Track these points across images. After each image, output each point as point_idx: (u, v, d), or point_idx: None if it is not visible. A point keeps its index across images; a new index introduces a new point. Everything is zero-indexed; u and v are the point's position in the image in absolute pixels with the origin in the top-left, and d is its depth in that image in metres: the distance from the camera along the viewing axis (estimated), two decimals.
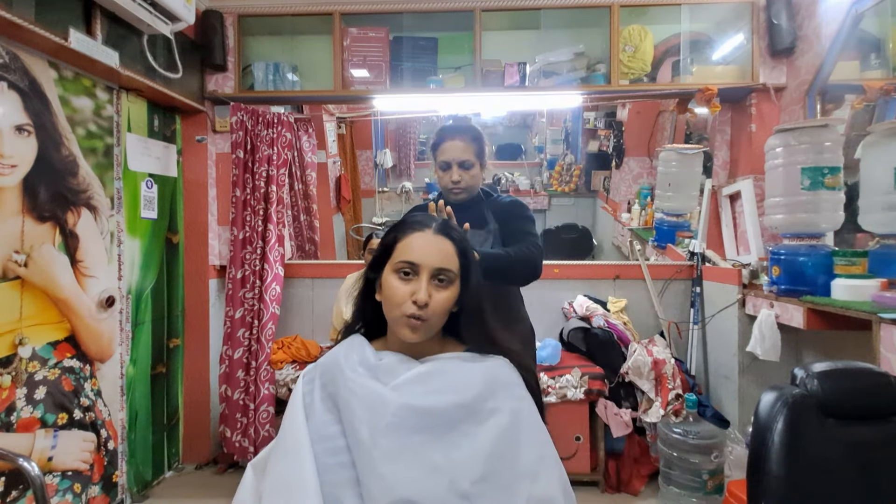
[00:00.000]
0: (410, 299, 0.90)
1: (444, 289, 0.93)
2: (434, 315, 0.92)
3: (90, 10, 2.12)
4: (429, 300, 0.90)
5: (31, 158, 1.98)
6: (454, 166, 1.69)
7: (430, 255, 0.92)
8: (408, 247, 0.94)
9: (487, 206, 1.76)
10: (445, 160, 1.70)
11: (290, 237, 3.40)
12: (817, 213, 2.12)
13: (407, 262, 0.92)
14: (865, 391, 1.14)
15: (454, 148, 1.69)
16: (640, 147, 4.62)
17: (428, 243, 0.94)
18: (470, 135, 1.71)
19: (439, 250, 0.93)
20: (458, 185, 1.70)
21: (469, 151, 1.69)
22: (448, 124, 1.81)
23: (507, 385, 0.92)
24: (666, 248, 3.42)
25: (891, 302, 1.70)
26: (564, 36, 2.98)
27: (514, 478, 0.85)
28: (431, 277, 0.92)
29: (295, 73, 3.04)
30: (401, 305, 0.91)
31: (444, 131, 1.74)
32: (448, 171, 1.70)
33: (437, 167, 1.74)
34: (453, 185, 1.70)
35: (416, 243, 0.94)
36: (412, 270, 0.92)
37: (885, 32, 2.36)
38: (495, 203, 1.78)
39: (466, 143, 1.69)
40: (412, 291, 0.91)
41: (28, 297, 1.97)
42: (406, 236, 0.95)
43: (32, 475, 1.38)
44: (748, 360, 2.46)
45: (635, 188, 4.50)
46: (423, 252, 0.93)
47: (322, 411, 0.90)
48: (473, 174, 1.71)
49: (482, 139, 1.74)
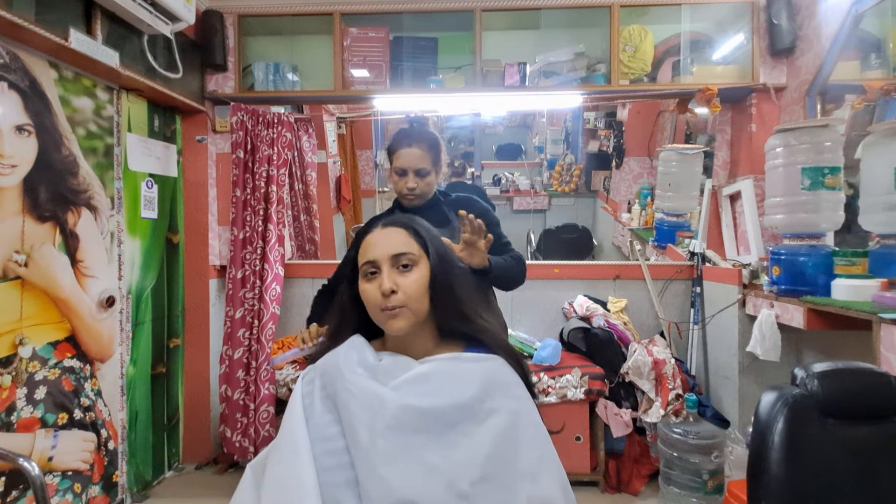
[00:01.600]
0: (379, 292, 0.93)
1: (409, 272, 0.95)
2: (409, 299, 0.93)
3: (90, 10, 2.13)
4: (395, 287, 0.92)
5: (32, 158, 1.98)
6: (410, 173, 1.69)
7: (383, 246, 0.96)
8: (364, 250, 0.98)
9: (447, 204, 1.77)
10: (402, 167, 1.70)
11: (290, 237, 3.40)
12: (817, 213, 2.13)
13: (367, 261, 0.96)
14: (865, 391, 1.14)
15: (411, 155, 1.69)
16: (640, 147, 4.63)
17: (378, 238, 0.97)
18: (427, 143, 1.71)
19: (389, 240, 0.96)
20: (412, 192, 1.71)
21: (426, 160, 1.70)
22: (405, 129, 1.81)
23: (506, 385, 0.92)
24: (666, 248, 3.42)
25: (891, 302, 1.70)
26: (564, 36, 2.98)
27: (513, 478, 0.85)
28: (393, 266, 0.95)
29: (295, 73, 3.04)
30: (374, 302, 0.94)
31: (401, 137, 1.73)
32: (404, 178, 1.71)
33: (393, 171, 1.74)
34: (408, 192, 1.71)
35: (370, 242, 0.97)
36: (375, 268, 0.95)
37: (886, 32, 2.36)
38: (454, 203, 1.79)
39: (423, 152, 1.70)
40: (378, 285, 0.93)
41: (28, 297, 1.97)
42: (362, 240, 0.99)
43: (33, 475, 1.38)
44: (748, 360, 2.46)
45: (635, 188, 4.50)
46: (377, 247, 0.96)
47: (322, 412, 0.90)
48: (429, 181, 1.72)
49: (439, 147, 1.75)
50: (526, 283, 1.80)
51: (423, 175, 1.70)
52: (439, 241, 1.02)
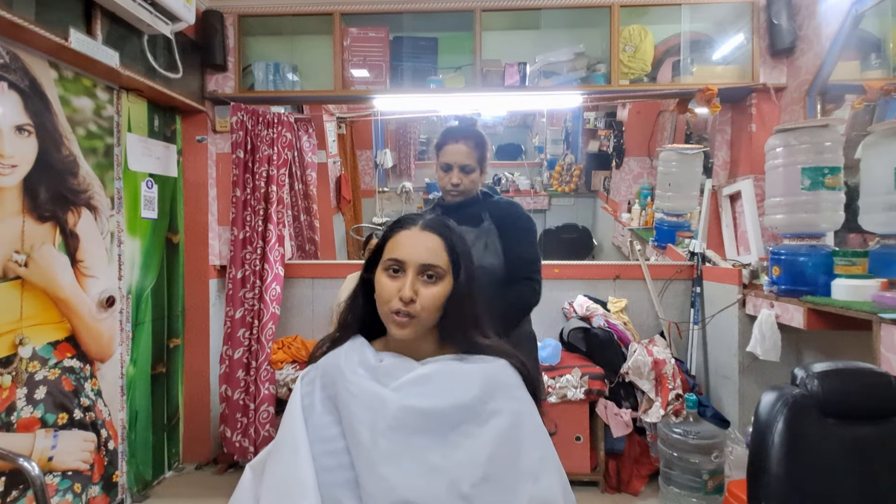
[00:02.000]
0: (397, 296, 0.91)
1: (432, 284, 0.93)
2: (423, 310, 0.91)
3: (90, 10, 2.13)
4: (415, 296, 0.91)
5: (32, 158, 1.98)
6: (455, 169, 1.73)
7: (416, 251, 0.93)
8: (395, 244, 0.95)
9: (485, 205, 1.79)
10: (447, 162, 1.74)
11: (290, 237, 3.40)
12: (817, 213, 2.12)
13: (393, 259, 0.93)
14: (865, 391, 1.14)
15: (457, 151, 1.73)
16: (640, 147, 4.62)
17: (414, 240, 0.94)
18: (474, 140, 1.74)
19: (426, 247, 0.94)
20: (456, 188, 1.74)
21: (472, 157, 1.73)
22: (454, 126, 1.84)
23: (507, 386, 0.92)
24: (666, 248, 3.42)
25: (891, 302, 1.70)
26: (564, 36, 2.98)
27: (514, 479, 0.85)
28: (418, 274, 0.92)
29: (295, 73, 3.04)
30: (388, 302, 0.92)
31: (450, 133, 1.76)
32: (449, 174, 1.74)
33: (439, 167, 1.77)
34: (452, 188, 1.74)
35: (403, 240, 0.94)
36: (399, 267, 0.93)
37: (886, 32, 2.36)
38: (494, 204, 1.81)
39: (470, 149, 1.73)
40: (399, 288, 0.91)
41: (28, 297, 1.97)
42: (395, 234, 0.96)
43: (33, 475, 1.38)
44: (748, 360, 2.46)
45: (635, 188, 4.50)
46: (409, 249, 0.93)
47: (322, 413, 0.90)
48: (473, 178, 1.75)
49: (485, 145, 1.78)
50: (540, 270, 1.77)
51: (468, 172, 1.73)
52: (470, 258, 0.99)
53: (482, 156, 1.76)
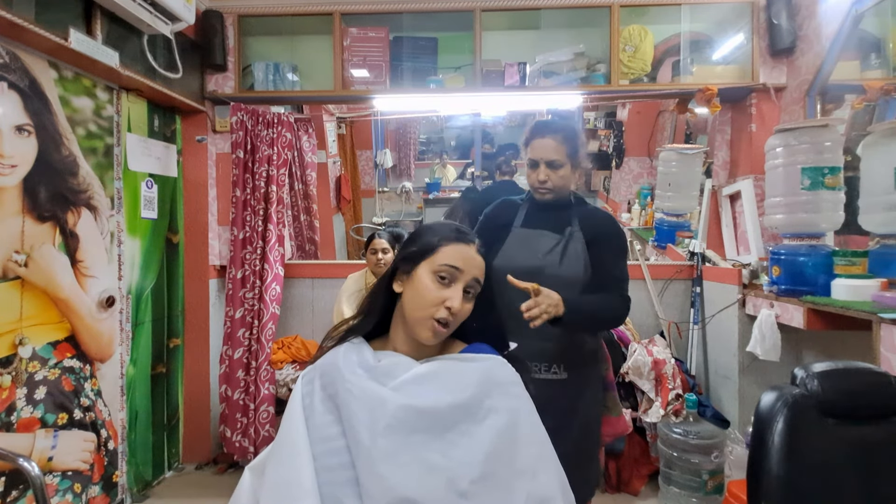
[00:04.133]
0: (443, 304, 0.93)
1: (469, 301, 0.97)
2: (455, 323, 0.95)
3: (90, 10, 2.13)
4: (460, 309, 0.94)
5: (32, 158, 1.98)
6: (542, 165, 1.63)
7: (472, 268, 0.96)
8: (453, 253, 0.96)
9: (575, 212, 1.67)
10: (533, 158, 1.64)
11: (290, 237, 3.40)
12: (817, 213, 2.13)
13: (453, 266, 0.95)
14: (865, 391, 1.14)
15: (544, 146, 1.62)
16: (640, 147, 4.63)
17: (471, 256, 0.97)
18: (562, 134, 1.63)
19: (478, 265, 0.98)
20: (544, 185, 1.63)
21: (560, 151, 1.62)
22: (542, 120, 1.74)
23: (504, 384, 0.92)
24: (666, 248, 3.42)
25: (891, 302, 1.70)
26: (564, 36, 2.98)
27: (512, 476, 0.85)
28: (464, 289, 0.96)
29: (295, 73, 3.04)
30: (431, 307, 0.93)
31: (536, 128, 1.67)
32: (536, 170, 1.64)
33: (526, 164, 1.68)
34: (539, 185, 1.64)
35: (462, 254, 0.97)
36: (451, 277, 0.95)
37: (885, 32, 2.36)
38: (587, 212, 1.69)
39: (558, 143, 1.62)
40: (446, 297, 0.93)
41: (28, 297, 1.97)
42: (452, 244, 0.97)
43: (32, 475, 1.38)
44: (748, 360, 2.46)
45: (635, 188, 4.50)
46: (467, 263, 0.96)
47: (322, 412, 0.91)
48: (562, 175, 1.63)
49: (576, 139, 1.66)
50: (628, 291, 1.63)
51: (556, 167, 1.62)
52: None
53: (573, 150, 1.63)
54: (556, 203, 1.67)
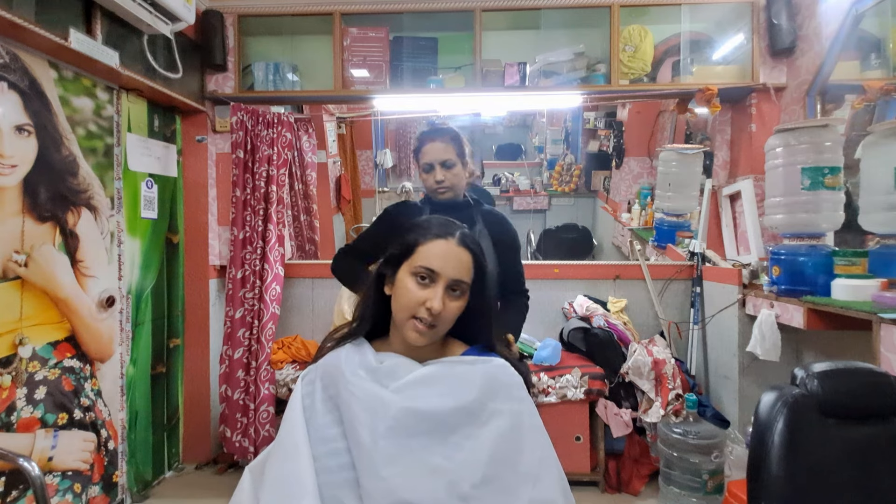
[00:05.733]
0: (424, 306, 0.91)
1: (456, 299, 0.94)
2: (443, 323, 0.93)
3: (90, 10, 2.12)
4: (442, 309, 0.91)
5: (32, 158, 1.98)
6: (437, 167, 1.76)
7: (451, 265, 0.93)
8: (429, 253, 0.94)
9: (477, 211, 1.82)
10: (428, 162, 1.77)
11: (290, 237, 3.40)
12: (817, 213, 2.13)
13: (427, 268, 0.92)
14: (865, 391, 1.14)
15: (434, 149, 1.76)
16: (640, 147, 4.62)
17: (450, 253, 0.94)
18: (449, 135, 1.78)
19: (459, 262, 0.94)
20: (442, 185, 1.76)
21: (449, 151, 1.76)
22: (427, 129, 1.89)
23: (507, 386, 0.92)
24: (666, 248, 3.42)
25: (891, 302, 1.70)
26: (564, 36, 2.98)
27: (514, 481, 0.85)
28: (446, 287, 0.93)
29: (295, 73, 3.04)
30: (413, 309, 0.92)
31: (424, 135, 1.81)
32: (431, 173, 1.77)
33: (421, 171, 1.80)
34: (437, 185, 1.76)
35: (438, 251, 0.94)
36: (430, 277, 0.93)
37: (885, 32, 2.36)
38: (487, 212, 1.84)
39: (446, 144, 1.76)
40: (426, 298, 0.91)
41: (28, 297, 1.97)
42: (429, 241, 0.95)
43: (32, 475, 1.38)
44: (748, 360, 2.46)
45: (635, 188, 4.50)
46: (444, 261, 0.93)
47: (323, 413, 0.90)
48: (456, 172, 1.77)
49: (461, 139, 1.81)
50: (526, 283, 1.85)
51: (450, 166, 1.75)
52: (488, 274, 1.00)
53: (460, 149, 1.79)
54: (457, 204, 1.80)
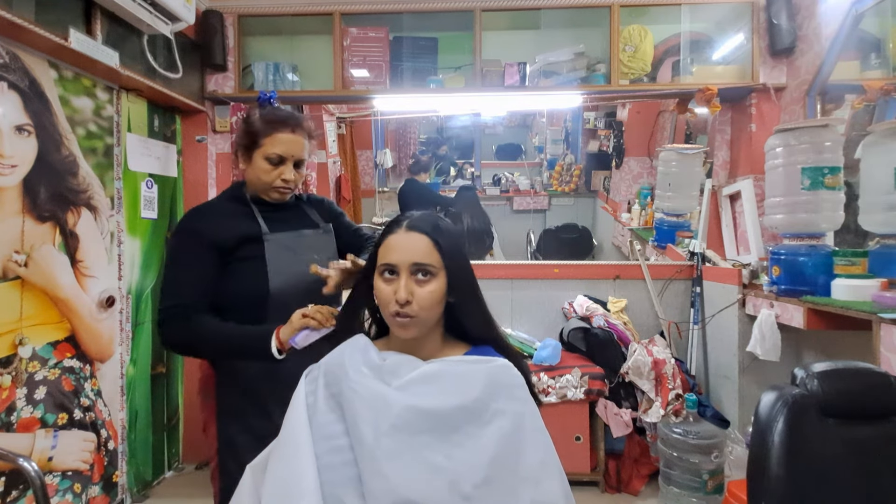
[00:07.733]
0: (394, 298, 0.92)
1: (426, 283, 0.93)
2: (422, 310, 0.92)
3: (90, 10, 2.12)
4: (410, 297, 0.92)
5: (32, 158, 1.98)
6: (289, 163, 1.40)
7: (405, 252, 0.94)
8: (386, 249, 0.96)
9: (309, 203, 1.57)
10: (280, 154, 1.39)
11: None
12: (817, 213, 2.13)
13: (385, 263, 0.95)
14: (865, 391, 1.14)
15: (294, 143, 1.40)
16: (640, 147, 4.62)
17: (401, 241, 0.95)
18: (309, 133, 1.45)
19: (412, 245, 0.94)
20: (287, 186, 1.42)
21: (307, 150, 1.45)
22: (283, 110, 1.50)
23: (510, 386, 0.92)
24: (666, 248, 3.42)
25: (891, 302, 1.70)
26: (564, 36, 2.98)
27: (516, 482, 0.85)
28: (411, 274, 0.93)
29: (295, 73, 3.04)
30: (387, 305, 0.93)
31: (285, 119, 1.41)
32: (279, 167, 1.40)
33: (262, 157, 1.39)
34: (283, 185, 1.41)
35: (392, 243, 0.96)
36: (391, 271, 0.94)
37: (885, 32, 2.37)
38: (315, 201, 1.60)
39: (307, 141, 1.44)
40: (395, 290, 0.92)
41: (28, 297, 1.97)
42: (385, 239, 0.98)
43: (32, 475, 1.38)
44: (748, 360, 2.46)
45: (635, 188, 4.50)
46: (398, 251, 0.94)
47: (325, 411, 0.90)
48: (302, 173, 1.46)
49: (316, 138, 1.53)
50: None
51: (300, 167, 1.44)
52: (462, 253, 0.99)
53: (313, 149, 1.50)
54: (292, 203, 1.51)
